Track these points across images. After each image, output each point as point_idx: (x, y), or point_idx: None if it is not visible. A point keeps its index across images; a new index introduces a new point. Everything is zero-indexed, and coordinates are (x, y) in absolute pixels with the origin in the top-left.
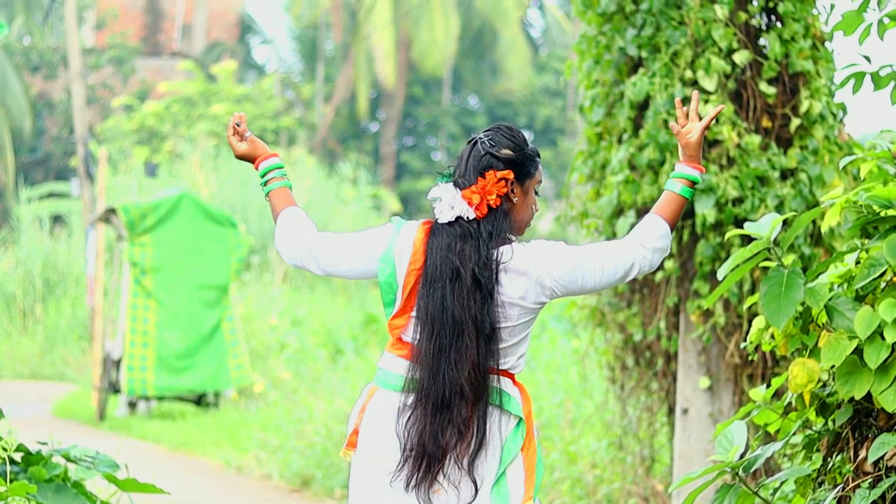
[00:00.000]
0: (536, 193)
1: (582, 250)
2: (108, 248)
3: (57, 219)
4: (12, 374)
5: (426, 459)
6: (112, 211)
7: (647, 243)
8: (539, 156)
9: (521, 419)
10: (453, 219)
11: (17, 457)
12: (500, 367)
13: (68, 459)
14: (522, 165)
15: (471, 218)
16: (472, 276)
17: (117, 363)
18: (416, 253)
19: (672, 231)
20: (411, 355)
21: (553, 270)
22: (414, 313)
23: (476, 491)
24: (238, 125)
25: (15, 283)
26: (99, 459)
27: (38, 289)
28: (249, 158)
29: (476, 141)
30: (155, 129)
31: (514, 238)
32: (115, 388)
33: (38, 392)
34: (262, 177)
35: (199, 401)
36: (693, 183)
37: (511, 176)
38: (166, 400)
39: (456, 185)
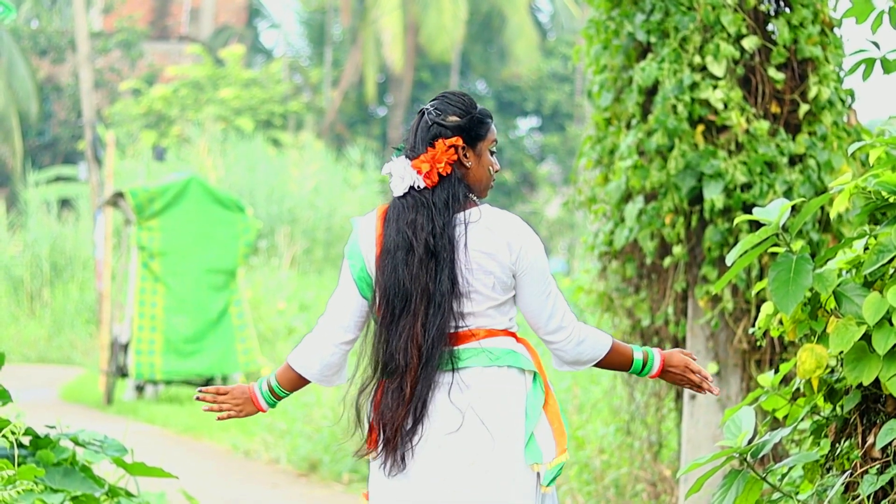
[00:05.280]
0: (492, 153)
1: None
2: (115, 232)
3: (65, 202)
4: (20, 357)
5: (390, 438)
6: (120, 195)
7: (584, 333)
8: (490, 117)
9: (535, 373)
10: (406, 190)
11: (26, 440)
12: (490, 328)
13: (76, 443)
14: (471, 130)
15: (422, 187)
16: (425, 245)
17: (125, 347)
18: (378, 235)
19: (600, 359)
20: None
21: (524, 246)
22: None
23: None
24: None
25: (23, 267)
26: (107, 443)
27: (46, 272)
28: (250, 405)
29: (423, 111)
30: (163, 113)
31: (478, 201)
32: (122, 372)
33: (45, 376)
34: (269, 392)
35: (207, 385)
36: (643, 368)
37: (460, 142)
38: (174, 384)
39: (407, 157)
